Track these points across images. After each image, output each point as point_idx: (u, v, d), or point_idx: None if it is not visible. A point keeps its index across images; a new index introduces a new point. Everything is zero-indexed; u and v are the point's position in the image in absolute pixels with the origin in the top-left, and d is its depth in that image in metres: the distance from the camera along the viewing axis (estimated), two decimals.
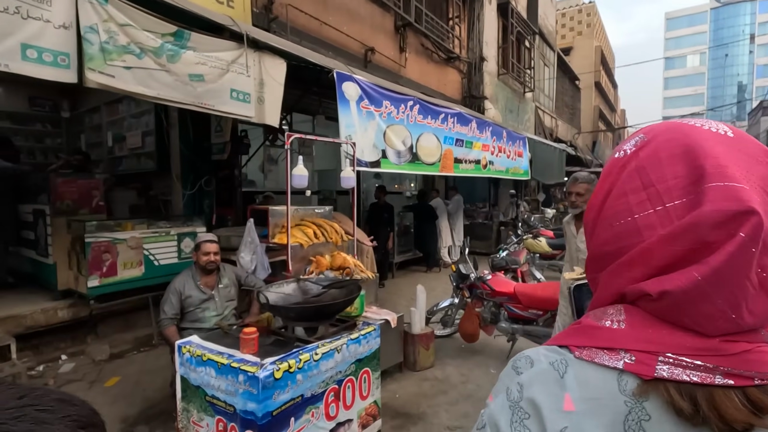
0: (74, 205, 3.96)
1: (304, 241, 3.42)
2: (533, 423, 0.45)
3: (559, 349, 0.49)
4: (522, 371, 0.49)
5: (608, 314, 0.48)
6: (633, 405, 0.42)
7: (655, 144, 0.48)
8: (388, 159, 4.66)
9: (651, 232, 0.45)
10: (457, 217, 8.95)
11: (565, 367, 0.46)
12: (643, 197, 0.46)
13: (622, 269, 0.47)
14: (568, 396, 0.44)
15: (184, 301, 2.86)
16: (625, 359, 0.44)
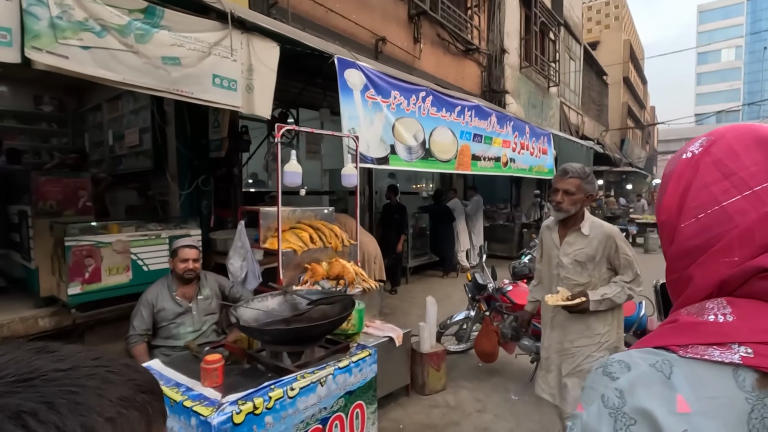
0: (58, 205, 3.70)
1: (298, 247, 3.04)
2: (642, 428, 0.43)
3: (655, 350, 0.47)
4: (618, 376, 0.47)
5: (708, 309, 0.47)
6: (755, 402, 0.41)
7: (725, 140, 0.51)
8: (397, 155, 4.24)
9: (743, 215, 0.46)
10: (476, 219, 8.44)
11: (670, 368, 0.45)
12: (727, 186, 0.48)
13: (718, 256, 0.47)
14: (681, 397, 0.43)
15: (156, 315, 2.52)
16: (740, 353, 0.43)
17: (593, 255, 2.09)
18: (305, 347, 2.05)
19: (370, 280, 3.25)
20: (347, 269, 3.09)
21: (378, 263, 4.66)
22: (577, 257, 2.12)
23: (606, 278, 2.12)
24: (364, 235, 4.60)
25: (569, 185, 2.07)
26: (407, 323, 4.95)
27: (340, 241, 3.38)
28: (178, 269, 2.58)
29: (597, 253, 2.08)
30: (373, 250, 4.57)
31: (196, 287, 2.68)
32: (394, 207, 6.45)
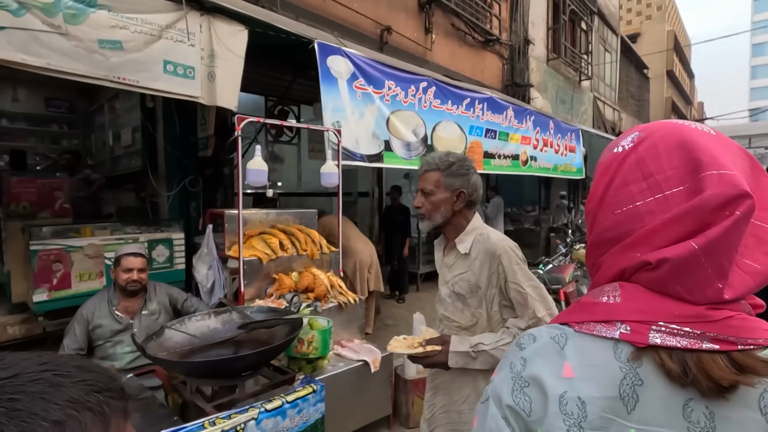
0: (32, 207, 3.53)
1: (264, 255, 2.68)
2: (533, 390, 0.51)
3: (559, 326, 0.55)
4: (525, 347, 0.55)
5: (605, 291, 0.54)
6: (627, 371, 0.48)
7: (652, 140, 0.53)
8: (393, 152, 3.82)
9: (652, 217, 0.50)
10: (496, 222, 7.85)
11: (565, 340, 0.52)
12: (644, 186, 0.52)
13: (626, 250, 0.52)
14: (568, 364, 0.50)
15: (91, 332, 2.22)
16: (621, 329, 0.50)
17: (477, 284, 1.40)
18: (230, 382, 1.68)
19: (349, 293, 2.85)
20: (319, 281, 2.70)
21: (374, 272, 4.25)
22: (456, 287, 1.45)
23: (501, 320, 1.43)
24: (358, 242, 4.21)
25: (426, 182, 1.45)
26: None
27: (318, 248, 3.00)
28: (121, 280, 2.28)
29: (482, 282, 1.40)
30: (367, 257, 4.18)
31: (142, 301, 2.37)
32: (397, 209, 6.02)
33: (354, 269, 4.12)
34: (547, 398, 0.49)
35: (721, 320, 0.47)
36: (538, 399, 0.50)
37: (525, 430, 0.51)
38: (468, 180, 1.44)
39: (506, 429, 0.51)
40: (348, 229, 4.22)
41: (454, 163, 1.43)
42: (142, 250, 2.40)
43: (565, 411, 0.48)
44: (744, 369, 0.45)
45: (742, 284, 0.48)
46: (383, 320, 5.18)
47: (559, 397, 0.49)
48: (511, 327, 1.37)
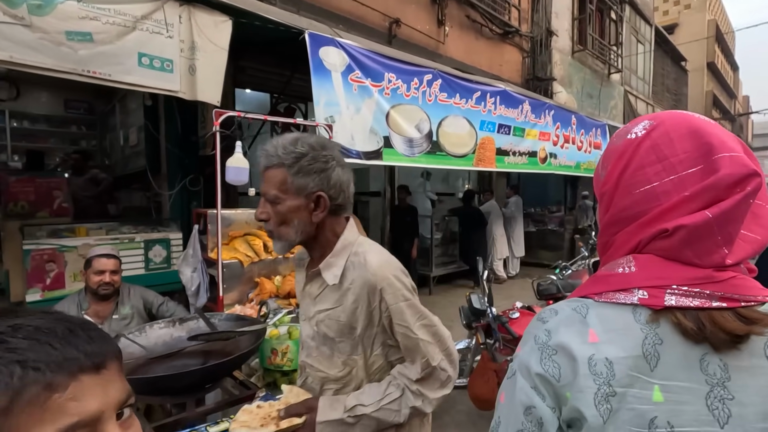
0: (30, 206, 3.53)
1: (245, 258, 2.53)
2: (561, 357, 0.54)
3: (579, 299, 0.59)
4: (547, 320, 0.58)
5: (619, 263, 0.58)
6: (648, 331, 0.53)
7: (664, 127, 0.58)
8: (393, 149, 3.61)
9: (667, 196, 0.55)
10: (515, 223, 7.50)
11: (586, 310, 0.56)
12: (659, 168, 0.56)
13: (642, 227, 0.57)
14: (592, 330, 0.54)
15: None
16: (638, 295, 0.54)
17: (350, 324, 1.05)
18: (179, 399, 1.52)
19: None
20: None
21: None
22: (322, 327, 1.10)
23: (386, 365, 1.10)
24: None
25: (268, 184, 1.03)
26: None
27: None
28: (92, 283, 2.18)
29: (358, 322, 1.05)
30: None
31: (114, 305, 2.27)
32: (405, 209, 5.80)
33: None
34: (576, 362, 0.52)
35: (726, 280, 0.52)
36: (567, 364, 0.53)
37: (554, 396, 0.54)
38: (327, 178, 1.03)
39: (536, 397, 0.54)
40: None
41: (305, 154, 1.01)
42: (114, 252, 2.29)
43: (594, 371, 0.52)
44: (751, 321, 0.50)
45: (741, 251, 0.54)
46: None
47: (588, 359, 0.52)
48: (399, 377, 1.04)
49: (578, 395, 0.51)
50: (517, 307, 2.97)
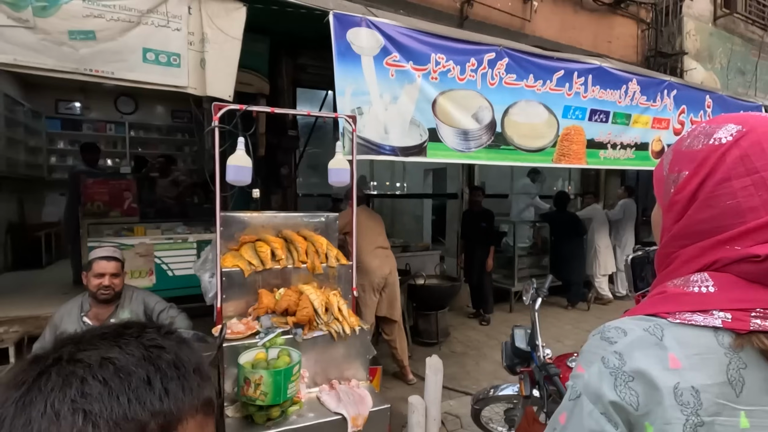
0: (105, 206, 3.84)
1: (246, 267, 2.28)
2: (639, 384, 0.51)
3: (648, 317, 0.55)
4: (616, 340, 0.54)
5: (693, 282, 0.55)
6: (732, 356, 0.51)
7: (755, 135, 0.54)
8: (442, 142, 3.07)
9: (754, 213, 0.52)
10: (624, 232, 6.19)
11: (661, 332, 0.53)
12: (748, 183, 0.53)
13: (721, 244, 0.54)
14: (672, 355, 0.51)
15: None
16: (721, 318, 0.51)
17: None
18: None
19: (347, 321, 2.25)
20: (304, 302, 2.17)
21: (387, 295, 3.49)
22: None
23: None
24: (374, 258, 3.42)
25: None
26: (477, 374, 3.66)
27: (323, 260, 2.47)
28: (92, 286, 2.14)
29: None
30: (379, 279, 3.41)
31: (113, 308, 2.20)
32: (478, 213, 5.08)
33: (361, 291, 3.45)
34: (659, 391, 0.50)
35: None
36: (647, 392, 0.51)
37: (628, 424, 0.51)
38: None
39: (608, 425, 0.52)
40: (364, 238, 3.48)
41: None
42: (117, 254, 2.23)
43: (681, 401, 0.49)
44: None
45: None
46: (452, 344, 4.38)
47: (672, 388, 0.50)
48: None
49: (665, 427, 0.50)
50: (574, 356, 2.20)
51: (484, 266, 4.98)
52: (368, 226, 3.41)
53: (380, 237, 3.51)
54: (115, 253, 2.22)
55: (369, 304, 3.37)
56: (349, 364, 2.28)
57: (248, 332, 2.06)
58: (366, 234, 3.36)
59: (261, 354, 1.97)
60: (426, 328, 4.32)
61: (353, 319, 2.30)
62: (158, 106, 7.44)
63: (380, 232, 3.53)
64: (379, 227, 3.55)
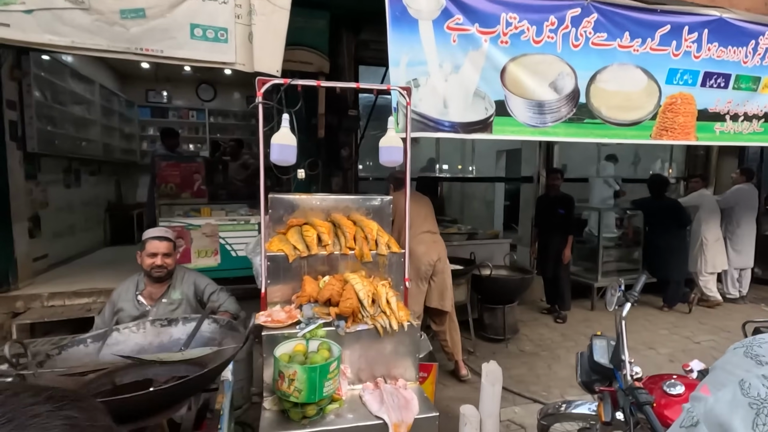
0: (176, 188, 4.02)
1: (291, 252, 2.17)
2: None
3: None
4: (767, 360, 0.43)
5: None
6: None
7: None
8: (512, 117, 2.69)
9: None
10: (740, 224, 5.18)
11: None
12: None
13: None
14: None
15: (116, 315, 2.19)
16: None
17: None
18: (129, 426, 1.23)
19: (395, 315, 2.04)
20: (348, 292, 2.00)
21: (437, 284, 3.17)
22: None
23: None
24: (419, 244, 3.13)
25: None
26: (548, 379, 3.27)
27: (372, 246, 2.28)
28: (145, 265, 2.17)
29: None
30: (427, 266, 3.09)
31: (166, 287, 2.22)
32: (556, 199, 4.52)
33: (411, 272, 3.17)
34: None
35: None
36: None
37: None
38: None
39: None
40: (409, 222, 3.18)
41: None
42: (168, 234, 2.24)
43: None
44: None
45: None
46: (521, 342, 4.00)
47: None
48: None
49: None
50: (693, 368, 1.75)
51: (560, 257, 4.46)
52: (413, 210, 3.15)
53: (427, 221, 3.24)
54: (167, 233, 2.23)
55: (416, 294, 3.12)
56: (397, 362, 2.08)
57: (289, 321, 1.95)
58: (411, 218, 3.12)
59: (300, 346, 1.85)
60: (492, 322, 3.98)
61: (402, 314, 2.08)
62: (235, 93, 7.76)
63: (427, 216, 3.27)
64: (425, 210, 3.29)
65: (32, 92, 3.84)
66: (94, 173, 5.72)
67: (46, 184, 4.43)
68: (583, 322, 4.55)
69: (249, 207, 3.99)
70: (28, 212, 4.05)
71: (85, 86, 5.26)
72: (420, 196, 3.40)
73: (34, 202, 4.22)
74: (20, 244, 3.80)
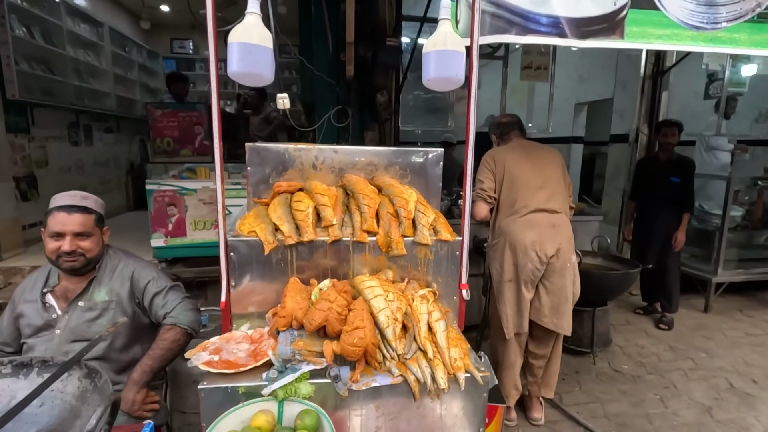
0: (175, 143, 3.27)
1: (266, 238, 1.28)
2: None
3: None
4: None
5: None
6: None
7: None
8: (660, 10, 1.56)
9: None
10: None
11: None
12: None
13: None
14: None
15: (17, 321, 1.44)
16: None
17: None
18: None
19: (444, 357, 1.11)
20: (356, 317, 1.08)
21: (554, 290, 2.12)
22: None
23: None
24: (526, 226, 2.08)
25: None
26: (663, 423, 2.23)
27: (404, 229, 1.34)
28: (48, 252, 1.39)
29: None
30: (540, 255, 2.05)
31: (86, 284, 1.44)
32: (668, 163, 3.28)
33: (499, 283, 2.13)
34: None
35: None
36: None
37: None
38: None
39: None
40: (510, 192, 2.11)
41: None
42: (86, 202, 1.43)
43: None
44: None
45: None
46: (614, 358, 2.95)
47: None
48: None
49: None
50: None
51: (669, 242, 3.28)
52: (520, 172, 2.10)
53: (542, 192, 2.09)
54: (82, 199, 1.42)
55: (513, 304, 2.10)
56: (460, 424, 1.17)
57: (250, 364, 1.08)
58: (513, 186, 2.09)
59: (262, 417, 0.99)
60: (573, 329, 2.94)
61: (458, 355, 1.15)
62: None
63: (546, 183, 2.11)
64: (546, 173, 2.13)
65: (6, 25, 3.17)
66: (111, 130, 5.18)
67: (43, 139, 3.87)
68: (697, 330, 3.37)
69: None
70: (16, 171, 3.52)
71: (90, 28, 4.60)
72: (542, 150, 2.22)
73: (27, 159, 3.68)
74: (4, 208, 3.27)
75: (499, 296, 2.12)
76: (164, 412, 1.50)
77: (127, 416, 1.36)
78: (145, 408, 1.39)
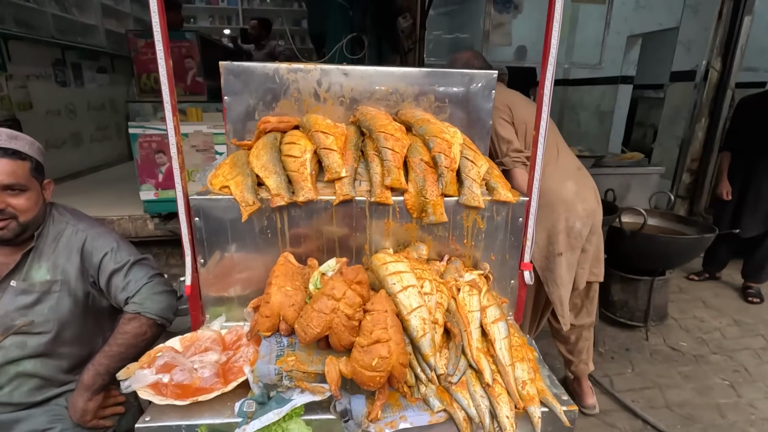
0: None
1: (243, 198, 0.88)
2: None
3: None
4: None
5: None
6: None
7: None
8: None
9: None
10: None
11: None
12: None
13: None
14: None
15: None
16: None
17: None
18: None
19: (506, 383, 0.73)
20: (375, 324, 0.70)
21: (594, 250, 1.67)
22: None
23: None
24: (565, 178, 1.58)
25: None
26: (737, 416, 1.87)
27: (445, 186, 0.91)
28: None
29: None
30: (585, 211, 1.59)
31: (20, 257, 1.07)
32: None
33: (546, 253, 1.66)
34: None
35: None
36: None
37: None
38: None
39: None
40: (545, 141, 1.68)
41: None
42: (17, 143, 1.03)
43: None
44: None
45: None
46: (671, 334, 2.57)
47: None
48: None
49: None
50: None
51: None
52: (526, 116, 1.63)
53: (561, 140, 1.70)
54: (9, 141, 1.02)
55: (565, 284, 1.65)
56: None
57: (218, 388, 0.72)
58: (529, 133, 1.62)
59: None
60: (625, 299, 2.55)
61: (528, 376, 0.76)
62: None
63: (558, 137, 1.70)
64: (552, 128, 1.69)
65: None
66: (105, 70, 4.71)
67: (23, 78, 3.46)
68: (765, 303, 2.93)
69: None
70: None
71: None
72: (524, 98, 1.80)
73: (6, 100, 3.29)
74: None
75: (549, 277, 1.67)
76: (134, 413, 1.19)
77: (77, 428, 1.05)
78: (103, 415, 1.08)
